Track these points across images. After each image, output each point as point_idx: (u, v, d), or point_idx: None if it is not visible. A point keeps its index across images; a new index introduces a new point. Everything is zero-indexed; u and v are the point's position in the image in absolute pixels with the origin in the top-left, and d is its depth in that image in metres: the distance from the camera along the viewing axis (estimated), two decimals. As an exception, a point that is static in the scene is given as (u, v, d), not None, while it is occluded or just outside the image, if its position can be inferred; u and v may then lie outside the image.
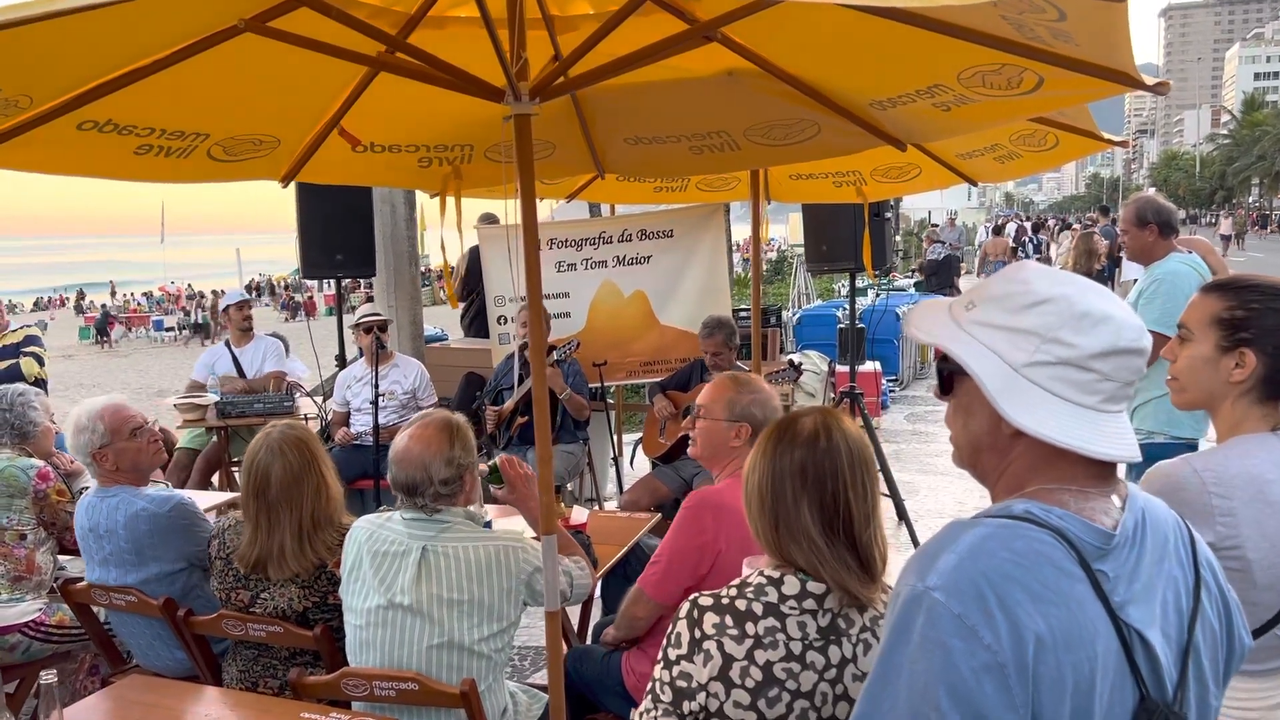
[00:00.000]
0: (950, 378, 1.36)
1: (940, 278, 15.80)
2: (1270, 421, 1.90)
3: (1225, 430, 1.95)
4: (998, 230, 22.49)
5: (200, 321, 37.14)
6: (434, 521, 2.69)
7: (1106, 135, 3.64)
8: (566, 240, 6.77)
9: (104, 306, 39.85)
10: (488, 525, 3.61)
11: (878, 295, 14.52)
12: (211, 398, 6.54)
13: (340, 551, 2.82)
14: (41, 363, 6.52)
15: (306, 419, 6.69)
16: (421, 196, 6.92)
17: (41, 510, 3.66)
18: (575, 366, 6.10)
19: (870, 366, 9.83)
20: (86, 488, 3.62)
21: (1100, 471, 1.28)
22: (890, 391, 11.10)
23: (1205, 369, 1.94)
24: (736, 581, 1.81)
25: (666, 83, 2.87)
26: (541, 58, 2.59)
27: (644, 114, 3.09)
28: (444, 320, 12.33)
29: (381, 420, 6.17)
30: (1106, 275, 9.64)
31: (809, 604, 1.75)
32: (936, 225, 22.94)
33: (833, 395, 9.19)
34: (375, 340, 6.00)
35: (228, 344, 7.14)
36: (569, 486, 6.33)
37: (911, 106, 2.67)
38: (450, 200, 3.27)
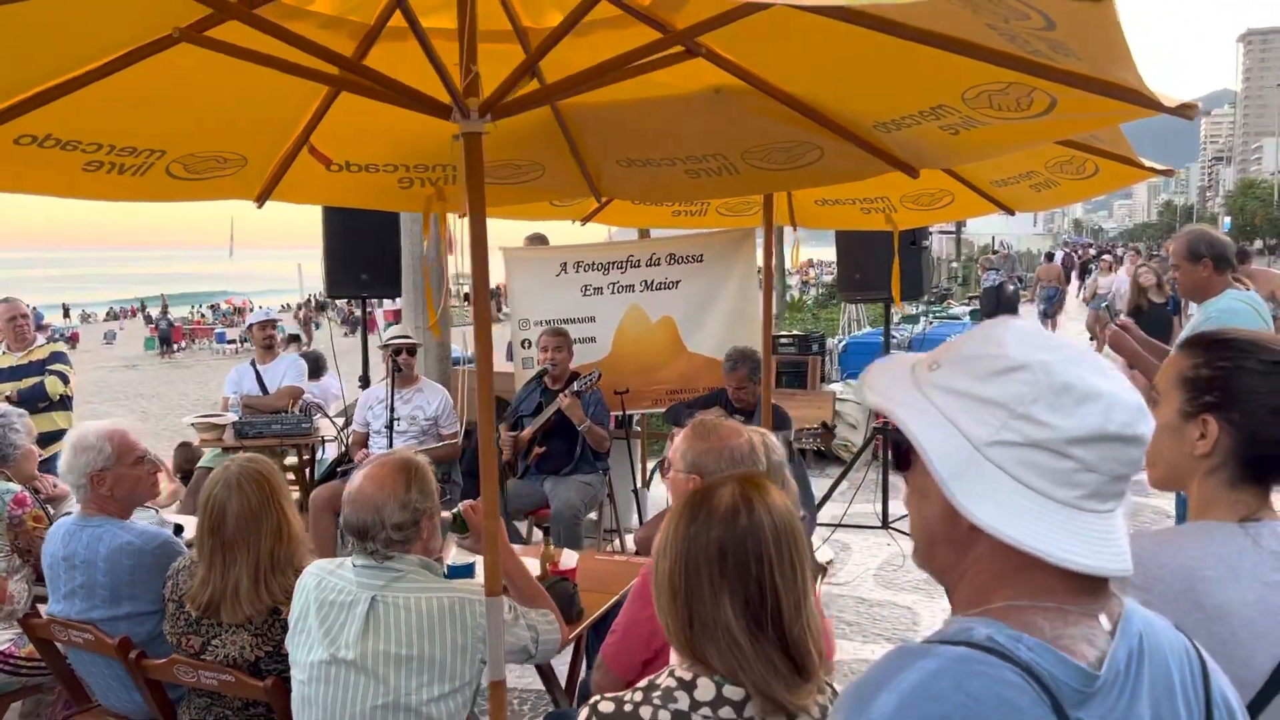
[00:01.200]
0: (907, 451, 1.10)
1: (999, 305, 15.32)
2: (1240, 510, 1.53)
3: (1194, 516, 1.60)
4: (1049, 256, 21.89)
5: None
6: (385, 569, 2.49)
7: (1148, 163, 3.34)
8: (593, 264, 6.59)
9: (167, 318, 40.75)
10: (468, 570, 3.43)
11: (929, 323, 14.13)
12: (230, 417, 6.46)
13: (298, 596, 2.64)
14: (66, 380, 6.51)
15: (324, 441, 6.58)
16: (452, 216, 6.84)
17: (16, 537, 3.54)
18: (597, 396, 5.90)
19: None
20: (70, 513, 3.50)
21: (1085, 584, 1.02)
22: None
23: (1168, 439, 1.59)
24: (644, 683, 1.56)
25: (654, 101, 2.66)
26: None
27: (633, 134, 2.88)
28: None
29: (401, 445, 6.04)
30: (1171, 312, 9.17)
31: (725, 712, 1.49)
32: (996, 252, 22.41)
33: (875, 424, 8.86)
34: (393, 363, 5.86)
35: (253, 363, 7.09)
36: (591, 516, 6.11)
37: (917, 129, 2.42)
38: (452, 220, 3.11)
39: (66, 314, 57.59)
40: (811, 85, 2.48)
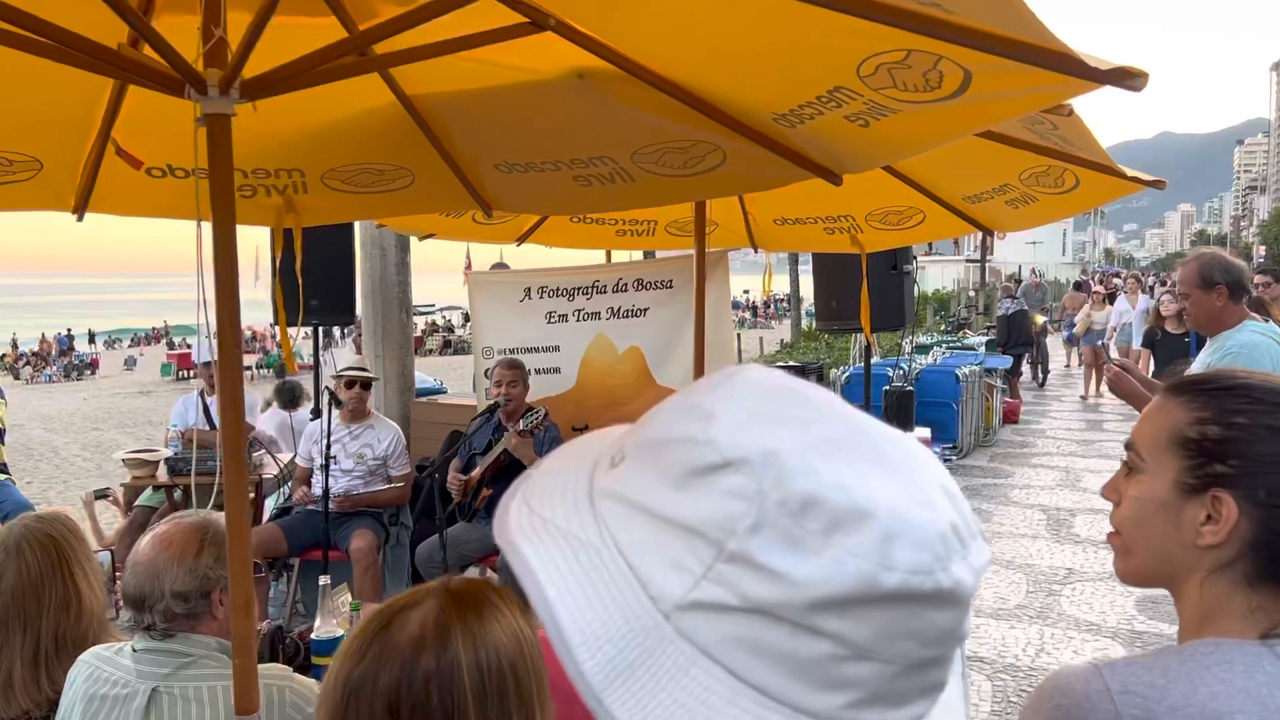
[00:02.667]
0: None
1: (1014, 334, 14.70)
2: (1260, 621, 1.07)
3: (1190, 623, 1.13)
4: (1077, 285, 21.21)
5: (279, 362, 37.60)
6: (169, 654, 2.03)
7: (1131, 173, 2.85)
8: (558, 289, 6.14)
9: (182, 343, 40.89)
10: (338, 645, 2.96)
11: (943, 353, 13.53)
12: (164, 452, 6.04)
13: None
14: (-9, 413, 6.13)
15: (262, 479, 6.14)
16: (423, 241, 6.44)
17: None
18: (553, 433, 5.42)
19: (918, 434, 8.92)
20: None
21: None
22: (946, 461, 10.12)
23: (1159, 520, 1.13)
24: None
25: (515, 90, 2.21)
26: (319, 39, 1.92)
27: (503, 133, 2.43)
28: (444, 371, 11.73)
29: (346, 485, 5.60)
30: (1191, 347, 8.57)
31: None
32: (1018, 280, 21.77)
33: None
34: (329, 394, 5.42)
35: (201, 394, 6.68)
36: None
37: (821, 122, 1.95)
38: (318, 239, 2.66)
39: (92, 340, 57.99)
40: (690, 65, 2.01)
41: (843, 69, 1.69)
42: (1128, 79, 1.35)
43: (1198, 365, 4.03)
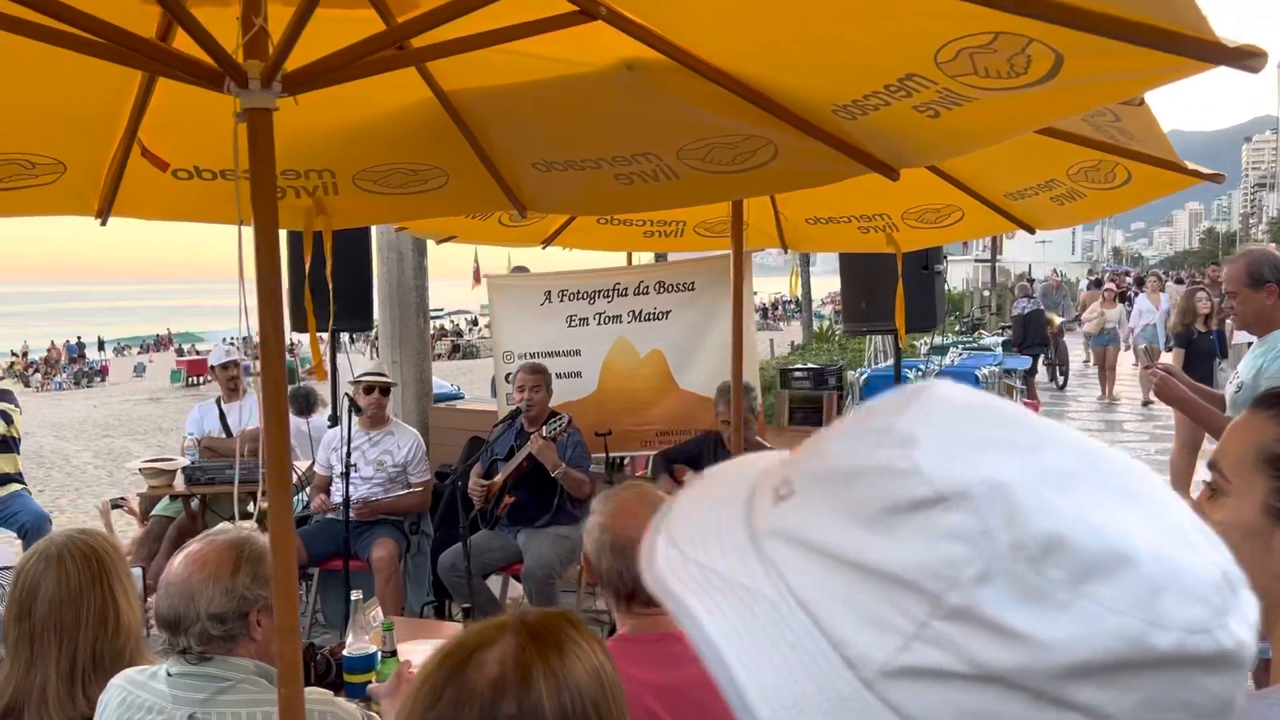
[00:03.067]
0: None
1: (1030, 334, 14.55)
2: None
3: None
4: (1096, 284, 21.03)
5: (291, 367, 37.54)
6: (206, 678, 1.94)
7: (1193, 166, 2.75)
8: (578, 292, 6.04)
9: (190, 349, 40.91)
10: (368, 661, 2.87)
11: (960, 354, 13.38)
12: (181, 461, 5.96)
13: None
14: (9, 420, 6.06)
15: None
16: (432, 244, 6.35)
17: None
18: (576, 437, 5.32)
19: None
20: None
21: None
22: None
23: (1246, 548, 1.01)
24: None
25: (559, 84, 2.11)
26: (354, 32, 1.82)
27: (543, 129, 2.33)
28: (454, 375, 11.62)
29: (365, 492, 5.51)
30: (1215, 341, 8.42)
31: None
32: (1031, 280, 21.61)
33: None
34: (349, 401, 5.32)
35: (218, 400, 6.59)
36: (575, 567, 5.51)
37: (886, 113, 1.85)
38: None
39: (101, 347, 58.05)
40: (749, 55, 1.91)
41: (919, 55, 1.59)
42: (1247, 59, 1.25)
43: (1246, 366, 3.91)
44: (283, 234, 5.52)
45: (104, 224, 2.49)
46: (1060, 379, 16.44)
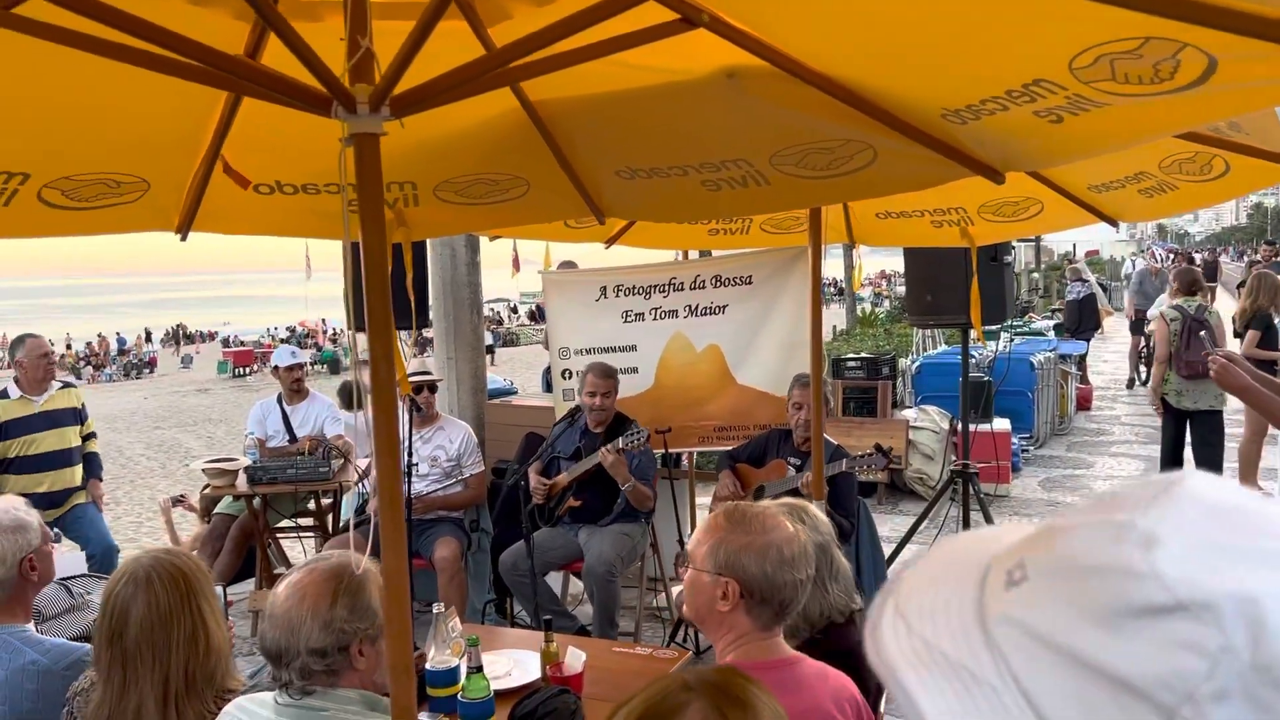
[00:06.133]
0: None
1: (1084, 319, 14.27)
2: None
3: None
4: (1189, 261, 20.49)
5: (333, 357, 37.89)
6: (306, 710, 1.91)
7: (1303, 156, 2.62)
8: (634, 287, 5.98)
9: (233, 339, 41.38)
10: (449, 676, 2.84)
11: (1011, 340, 13.15)
12: (244, 461, 5.99)
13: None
14: (84, 419, 5.99)
15: (342, 488, 6.07)
16: (485, 240, 6.31)
17: None
18: (650, 457, 5.25)
19: (998, 425, 8.63)
20: None
21: None
22: (1024, 451, 9.80)
23: None
24: None
25: (652, 92, 2.05)
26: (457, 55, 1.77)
27: (631, 136, 2.27)
28: (515, 372, 11.58)
29: (422, 488, 5.50)
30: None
31: None
32: (1073, 261, 21.18)
33: (953, 459, 8.06)
34: (411, 403, 5.31)
35: (279, 399, 6.60)
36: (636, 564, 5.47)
37: (1003, 117, 1.77)
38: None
39: (149, 338, 59.06)
40: (856, 61, 1.84)
41: (1052, 60, 1.51)
42: None
43: None
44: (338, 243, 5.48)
45: (184, 239, 2.46)
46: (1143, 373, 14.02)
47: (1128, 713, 0.43)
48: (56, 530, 5.53)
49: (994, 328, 14.42)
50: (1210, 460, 7.12)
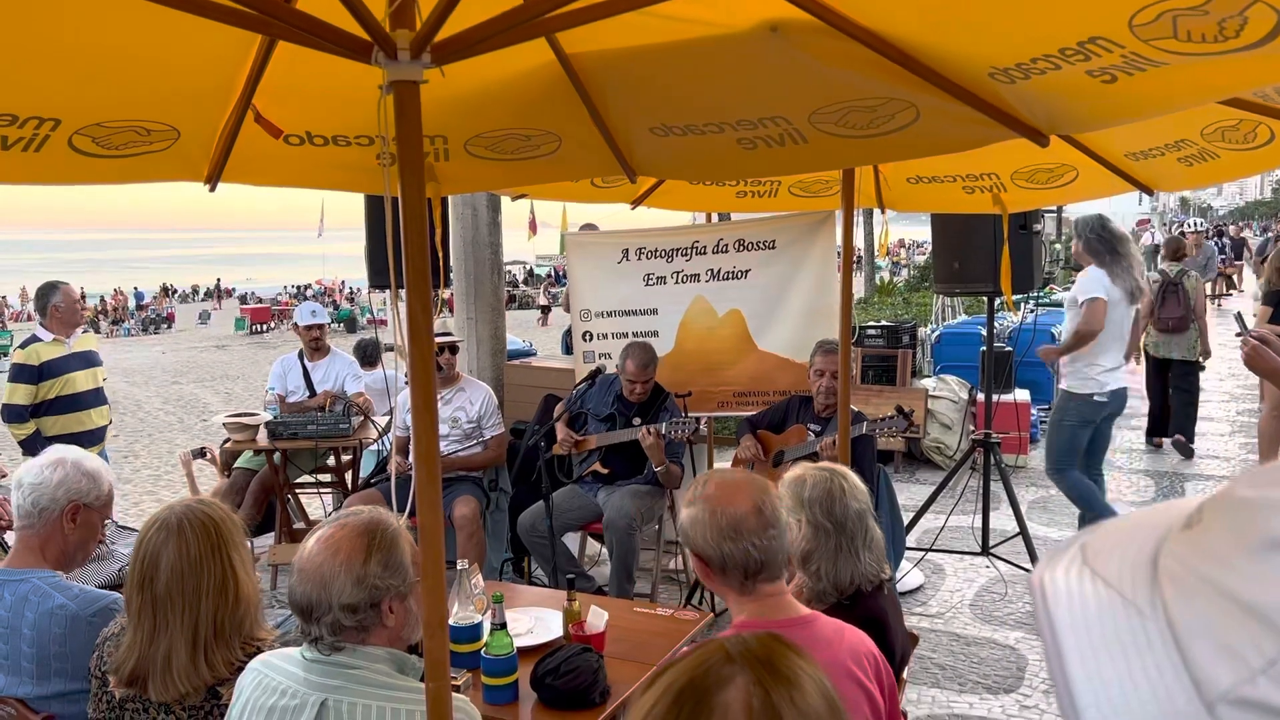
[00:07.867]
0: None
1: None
2: None
3: None
4: (1219, 233, 20.20)
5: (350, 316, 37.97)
6: (335, 666, 1.92)
7: (1354, 125, 2.56)
8: (656, 250, 5.93)
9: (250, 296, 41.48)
10: (474, 631, 2.85)
11: (1032, 310, 13.03)
12: (264, 416, 6.01)
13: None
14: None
15: (362, 444, 6.09)
16: (506, 200, 6.27)
17: None
18: (682, 447, 5.24)
19: (1018, 395, 8.58)
20: None
21: None
22: (1043, 422, 9.74)
23: None
24: None
25: (691, 46, 2.00)
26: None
27: (666, 92, 2.23)
28: (534, 334, 11.55)
29: (443, 449, 5.51)
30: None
31: None
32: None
33: (972, 430, 8.03)
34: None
35: (300, 355, 6.61)
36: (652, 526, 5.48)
37: (1054, 77, 1.72)
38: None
39: (168, 294, 59.35)
40: (905, 16, 1.79)
41: (1112, 18, 1.46)
42: None
43: None
44: (362, 196, 5.43)
45: (213, 190, 2.45)
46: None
47: (1253, 637, 0.44)
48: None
49: (1019, 297, 14.33)
50: (1187, 403, 8.53)
